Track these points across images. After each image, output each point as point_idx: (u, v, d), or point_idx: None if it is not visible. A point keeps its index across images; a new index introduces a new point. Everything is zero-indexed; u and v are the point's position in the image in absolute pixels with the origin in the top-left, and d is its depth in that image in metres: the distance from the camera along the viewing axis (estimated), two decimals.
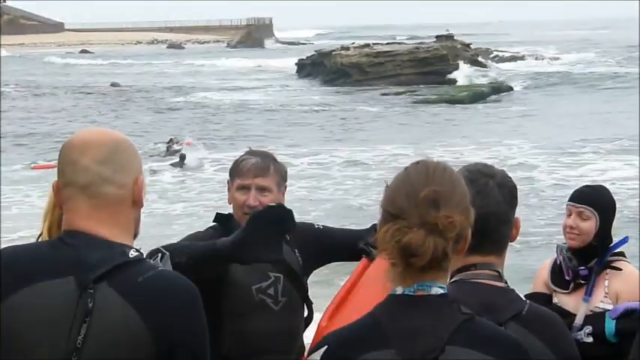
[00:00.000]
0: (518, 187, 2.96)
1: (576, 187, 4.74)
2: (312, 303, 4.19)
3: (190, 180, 24.14)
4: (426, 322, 2.39)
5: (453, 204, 2.42)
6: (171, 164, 26.01)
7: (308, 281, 4.23)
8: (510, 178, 2.93)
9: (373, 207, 18.39)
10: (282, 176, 4.12)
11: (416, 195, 2.40)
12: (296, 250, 4.15)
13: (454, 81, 47.74)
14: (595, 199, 4.55)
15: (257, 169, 4.06)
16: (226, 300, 3.97)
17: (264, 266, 4.01)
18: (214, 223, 4.16)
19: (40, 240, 2.93)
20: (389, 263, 2.41)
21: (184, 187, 23.32)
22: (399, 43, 59.35)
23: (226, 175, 4.19)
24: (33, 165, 26.81)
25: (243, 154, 4.18)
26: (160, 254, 2.82)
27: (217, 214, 4.17)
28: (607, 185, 4.92)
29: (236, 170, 4.08)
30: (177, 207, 20.34)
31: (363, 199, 20.48)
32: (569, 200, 4.60)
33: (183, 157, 26.12)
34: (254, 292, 4.01)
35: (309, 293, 4.21)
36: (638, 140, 26.34)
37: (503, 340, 2.43)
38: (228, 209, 4.19)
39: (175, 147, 27.22)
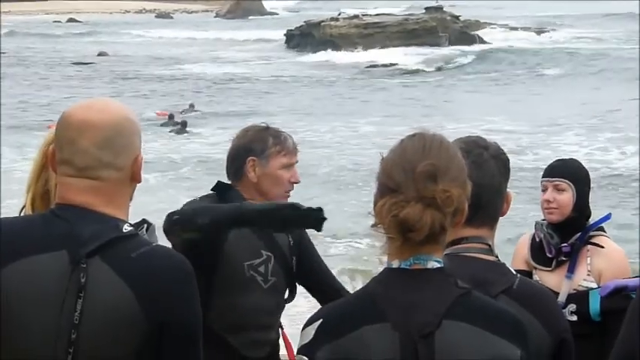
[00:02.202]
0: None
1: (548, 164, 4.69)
2: (296, 287, 4.20)
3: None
4: (423, 296, 2.37)
5: (450, 177, 2.40)
6: (175, 131, 27.71)
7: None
8: (503, 150, 2.92)
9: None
10: None
11: (413, 169, 2.38)
12: None
13: None
14: (568, 171, 4.53)
15: (296, 146, 4.10)
16: (218, 274, 3.95)
17: (258, 244, 4.02)
18: (211, 192, 4.09)
19: (23, 212, 2.90)
20: (386, 237, 2.39)
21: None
22: (389, 14, 59.18)
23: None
24: (50, 124, 27.12)
25: (266, 130, 4.08)
26: (145, 225, 2.78)
27: (219, 182, 4.10)
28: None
29: (279, 148, 4.02)
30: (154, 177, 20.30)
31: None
32: (542, 176, 4.57)
33: (184, 124, 28.03)
34: (245, 268, 3.99)
35: None
36: None
37: (500, 315, 2.42)
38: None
39: (176, 119, 29.13)
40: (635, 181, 19.21)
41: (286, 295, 4.17)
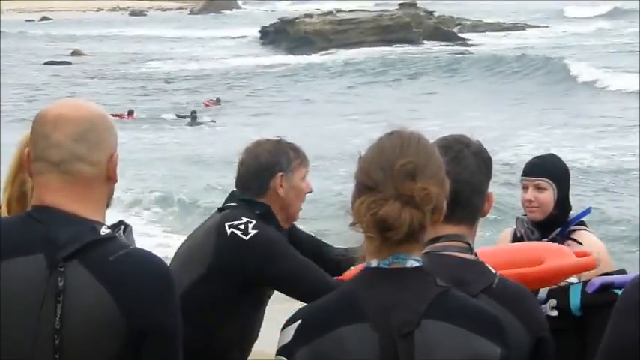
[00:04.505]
0: None
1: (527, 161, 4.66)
2: None
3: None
4: (402, 296, 2.36)
5: (428, 175, 2.38)
6: (187, 124, 29.16)
7: None
8: (486, 149, 2.89)
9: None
10: None
11: (391, 167, 2.37)
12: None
13: None
14: (548, 169, 4.51)
15: (306, 157, 4.08)
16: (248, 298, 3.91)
17: None
18: (242, 206, 3.95)
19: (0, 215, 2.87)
20: (365, 236, 2.38)
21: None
22: (363, 11, 59.19)
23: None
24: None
25: (283, 144, 4.03)
26: (122, 226, 2.75)
27: (264, 210, 3.95)
28: None
29: (299, 161, 3.99)
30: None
31: None
32: (522, 175, 4.55)
33: (194, 116, 29.22)
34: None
35: None
36: None
37: (479, 314, 2.41)
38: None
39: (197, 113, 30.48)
40: None
41: None
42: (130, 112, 31.26)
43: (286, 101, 33.86)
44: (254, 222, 3.83)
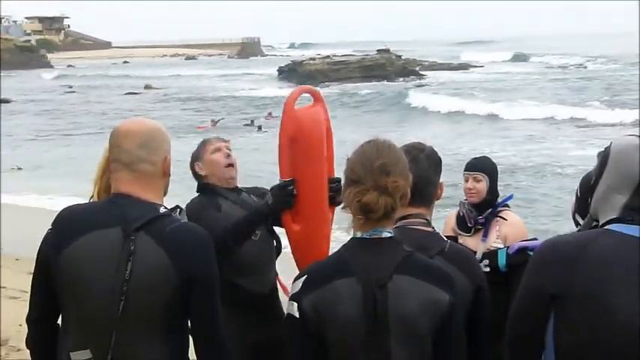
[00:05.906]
0: None
1: (467, 160, 4.64)
2: (278, 237, 4.02)
3: None
4: (379, 258, 2.37)
5: (398, 172, 2.39)
6: (254, 130, 28.32)
7: None
8: (436, 152, 2.88)
9: None
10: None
11: (370, 165, 2.38)
12: (251, 195, 4.03)
13: None
14: (483, 166, 4.50)
15: (218, 139, 4.07)
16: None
17: (241, 211, 3.85)
18: (197, 194, 3.97)
19: (92, 200, 2.87)
20: (353, 217, 2.40)
21: None
22: (351, 55, 59.16)
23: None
24: (197, 126, 28.90)
25: (202, 141, 4.08)
26: (178, 209, 2.77)
27: (200, 184, 4.00)
28: None
29: (205, 144, 4.02)
30: None
31: None
32: (465, 170, 4.55)
33: (260, 127, 28.50)
34: None
35: None
36: None
37: (435, 270, 2.41)
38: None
39: (256, 122, 29.71)
40: None
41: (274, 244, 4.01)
42: (213, 121, 30.69)
43: None
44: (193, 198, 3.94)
